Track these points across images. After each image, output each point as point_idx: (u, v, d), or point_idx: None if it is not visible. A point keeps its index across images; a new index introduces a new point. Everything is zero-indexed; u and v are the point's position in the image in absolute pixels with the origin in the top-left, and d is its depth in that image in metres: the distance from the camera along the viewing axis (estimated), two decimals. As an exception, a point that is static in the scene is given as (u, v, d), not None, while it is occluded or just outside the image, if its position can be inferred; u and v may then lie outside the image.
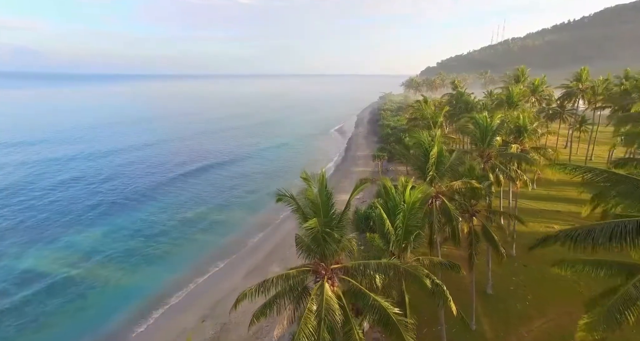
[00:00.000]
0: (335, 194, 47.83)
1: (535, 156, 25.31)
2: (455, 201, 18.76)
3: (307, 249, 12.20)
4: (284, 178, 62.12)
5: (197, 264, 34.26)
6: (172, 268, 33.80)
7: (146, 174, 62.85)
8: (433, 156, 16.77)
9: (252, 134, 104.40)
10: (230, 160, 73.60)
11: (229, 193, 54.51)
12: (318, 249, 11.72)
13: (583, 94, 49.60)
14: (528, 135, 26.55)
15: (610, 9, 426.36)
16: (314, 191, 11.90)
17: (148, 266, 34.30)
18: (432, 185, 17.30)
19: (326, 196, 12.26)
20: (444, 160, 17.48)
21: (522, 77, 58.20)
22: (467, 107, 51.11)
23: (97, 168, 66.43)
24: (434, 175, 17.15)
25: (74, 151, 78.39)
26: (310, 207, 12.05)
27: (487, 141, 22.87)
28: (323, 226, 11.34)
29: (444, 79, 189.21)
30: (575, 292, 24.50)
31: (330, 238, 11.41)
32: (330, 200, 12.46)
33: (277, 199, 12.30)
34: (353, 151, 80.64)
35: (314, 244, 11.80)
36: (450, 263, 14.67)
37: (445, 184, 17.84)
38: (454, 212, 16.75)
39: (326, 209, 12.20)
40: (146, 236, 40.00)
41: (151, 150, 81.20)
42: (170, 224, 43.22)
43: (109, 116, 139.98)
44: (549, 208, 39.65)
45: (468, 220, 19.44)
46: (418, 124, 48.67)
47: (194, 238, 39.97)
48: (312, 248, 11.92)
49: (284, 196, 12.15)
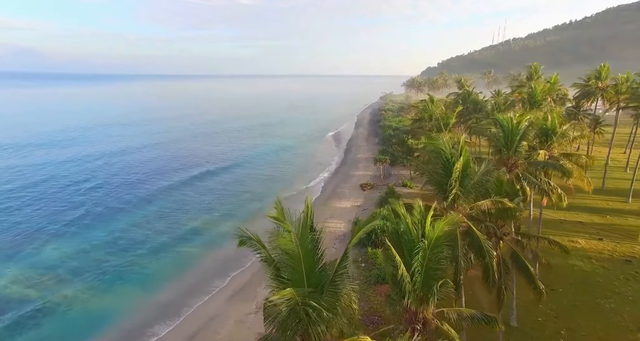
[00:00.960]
0: (333, 201, 43.57)
1: (567, 163, 21.52)
2: (482, 223, 14.97)
3: (281, 325, 7.98)
4: (281, 182, 58.36)
5: (181, 283, 30.43)
6: (151, 288, 29.92)
7: (132, 180, 58.82)
8: (457, 169, 12.94)
9: (249, 136, 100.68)
10: (226, 165, 68.19)
11: (220, 201, 50.56)
12: (298, 327, 7.78)
13: (603, 93, 45.76)
14: (557, 139, 22.75)
15: (613, 9, 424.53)
16: (293, 236, 7.93)
17: (122, 284, 30.43)
18: (454, 206, 13.52)
19: (312, 244, 8.30)
20: (470, 173, 13.67)
21: (535, 75, 54.12)
22: (477, 107, 47.31)
23: (78, 172, 62.45)
24: (457, 194, 13.36)
25: (55, 155, 74.34)
26: (287, 261, 8.16)
27: (513, 147, 19.10)
28: (305, 296, 7.44)
29: (447, 79, 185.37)
30: (619, 326, 20.74)
31: (316, 312, 7.48)
32: (317, 249, 8.50)
33: (239, 243, 8.52)
34: (353, 153, 76.83)
35: (292, 321, 7.89)
36: (484, 316, 10.88)
37: (470, 204, 14.05)
38: (485, 244, 12.94)
39: (311, 264, 8.22)
40: (124, 249, 36.16)
41: (136, 155, 76.48)
42: (152, 235, 39.36)
43: (105, 117, 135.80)
44: (569, 219, 35.85)
45: (494, 246, 15.65)
46: (423, 126, 44.94)
47: (178, 251, 36.13)
48: (289, 324, 7.97)
49: (246, 239, 8.32)
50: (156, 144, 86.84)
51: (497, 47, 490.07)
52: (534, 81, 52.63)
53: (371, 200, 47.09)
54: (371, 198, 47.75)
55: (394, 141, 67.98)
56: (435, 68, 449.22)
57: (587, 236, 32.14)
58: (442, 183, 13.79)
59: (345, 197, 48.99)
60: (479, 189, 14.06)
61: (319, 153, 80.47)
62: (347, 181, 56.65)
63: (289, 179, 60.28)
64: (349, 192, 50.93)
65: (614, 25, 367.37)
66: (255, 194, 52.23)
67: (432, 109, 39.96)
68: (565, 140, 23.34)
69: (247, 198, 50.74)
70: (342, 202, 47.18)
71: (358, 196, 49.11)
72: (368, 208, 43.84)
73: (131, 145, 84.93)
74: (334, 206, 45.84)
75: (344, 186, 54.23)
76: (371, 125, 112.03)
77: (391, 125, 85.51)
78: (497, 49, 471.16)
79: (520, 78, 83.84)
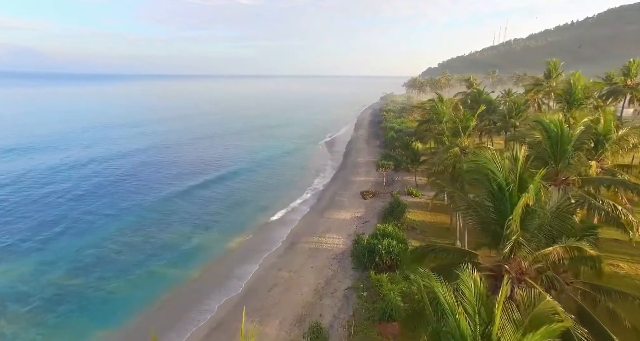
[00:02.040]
0: (331, 212, 38.11)
1: (626, 177, 16.81)
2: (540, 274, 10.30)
3: None
4: (274, 191, 53.57)
5: (153, 315, 25.68)
6: (116, 321, 25.12)
7: (117, 189, 53.66)
8: (521, 205, 8.23)
9: (249, 137, 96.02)
10: (220, 174, 61.38)
11: (208, 210, 45.74)
12: None
13: (633, 92, 41.06)
14: (611, 147, 18.06)
15: (614, 10, 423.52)
16: None
17: (80, 316, 25.64)
18: (510, 256, 8.86)
19: None
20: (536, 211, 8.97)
21: (555, 72, 49.23)
22: (490, 108, 42.59)
23: (61, 180, 57.49)
24: (517, 241, 8.69)
25: (41, 160, 69.41)
26: None
27: (564, 159, 14.46)
28: None
29: (449, 79, 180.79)
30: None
31: None
32: None
33: None
34: (353, 156, 72.09)
35: None
36: None
37: (534, 253, 9.35)
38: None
39: None
40: (90, 269, 31.41)
41: (125, 160, 71.20)
42: (126, 251, 34.64)
43: (103, 118, 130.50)
44: (604, 236, 31.04)
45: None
46: (432, 128, 40.29)
47: (152, 272, 31.32)
48: None
49: None
50: (149, 148, 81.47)
51: (498, 47, 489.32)
52: (553, 79, 48.06)
53: (373, 210, 42.39)
54: (373, 208, 43.04)
55: (397, 144, 63.26)
56: (435, 68, 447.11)
57: (627, 258, 27.45)
58: (491, 220, 9.13)
59: (344, 207, 44.25)
60: (549, 231, 9.40)
61: (317, 156, 75.92)
62: (347, 187, 51.91)
63: (282, 186, 55.45)
64: (349, 201, 46.17)
65: (615, 25, 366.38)
66: (248, 206, 47.36)
67: (442, 109, 35.20)
68: (621, 148, 18.56)
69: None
70: (341, 213, 42.44)
71: (358, 205, 44.38)
72: (370, 220, 39.12)
73: (123, 149, 79.66)
74: (332, 217, 41.11)
75: (342, 193, 49.48)
76: (372, 126, 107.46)
77: (393, 126, 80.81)
78: (498, 50, 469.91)
79: (536, 77, 79.06)
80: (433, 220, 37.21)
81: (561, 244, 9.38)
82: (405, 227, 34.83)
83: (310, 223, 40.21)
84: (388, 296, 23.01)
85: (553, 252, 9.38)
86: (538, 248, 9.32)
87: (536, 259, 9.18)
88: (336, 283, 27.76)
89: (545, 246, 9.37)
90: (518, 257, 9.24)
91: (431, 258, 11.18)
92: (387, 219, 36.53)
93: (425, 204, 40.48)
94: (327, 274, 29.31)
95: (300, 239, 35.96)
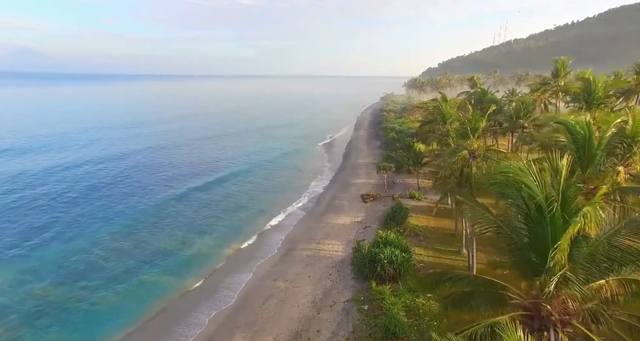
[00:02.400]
0: (330, 216, 36.08)
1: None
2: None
3: None
4: (272, 193, 51.88)
5: (138, 329, 23.95)
6: (97, 338, 23.38)
7: (112, 192, 51.78)
8: (570, 234, 6.36)
9: (248, 138, 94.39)
10: (219, 176, 59.67)
11: (203, 214, 44.02)
12: None
13: (649, 91, 39.36)
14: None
15: (614, 10, 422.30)
16: None
17: (60, 331, 23.90)
18: (553, 295, 7.09)
19: None
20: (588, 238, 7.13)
21: (563, 71, 47.23)
22: (496, 108, 40.81)
23: (54, 182, 55.68)
24: (564, 277, 6.90)
25: (37, 162, 67.61)
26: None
27: (593, 165, 12.72)
28: None
29: (450, 79, 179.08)
30: None
31: None
32: None
33: None
34: (353, 158, 70.36)
35: None
36: None
37: (583, 289, 7.55)
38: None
39: None
40: (75, 277, 29.67)
41: (122, 162, 69.20)
42: (115, 258, 32.87)
43: (102, 118, 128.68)
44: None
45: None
46: (435, 129, 38.57)
47: (142, 281, 29.56)
48: None
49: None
50: (146, 149, 79.53)
51: (498, 47, 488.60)
52: (561, 78, 46.25)
53: (374, 214, 40.66)
54: (374, 212, 41.31)
55: (398, 145, 61.58)
56: (436, 69, 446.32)
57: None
58: (523, 245, 7.31)
59: (344, 211, 42.52)
60: (600, 262, 7.55)
61: (316, 157, 74.23)
62: (346, 190, 50.20)
63: (280, 189, 53.72)
64: (348, 204, 44.45)
65: (616, 25, 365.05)
66: (244, 209, 45.54)
67: (447, 109, 33.48)
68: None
69: (235, 216, 43.26)
70: (340, 217, 40.70)
71: (359, 209, 42.65)
72: (371, 225, 37.38)
73: (120, 150, 77.71)
74: (331, 222, 39.36)
75: (342, 196, 47.77)
76: (372, 127, 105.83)
77: (394, 127, 79.20)
78: (498, 50, 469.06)
79: (542, 76, 77.29)
80: (437, 225, 35.43)
81: (615, 277, 7.56)
82: (408, 233, 33.10)
83: (307, 228, 38.44)
84: (391, 311, 21.29)
85: (607, 286, 7.53)
86: (587, 282, 7.51)
87: (585, 297, 7.37)
88: (335, 295, 26.01)
89: (593, 279, 7.58)
90: (563, 295, 7.46)
91: (447, 287, 9.51)
92: (389, 224, 34.82)
93: (428, 208, 38.71)
94: (326, 284, 27.56)
95: (297, 246, 34.21)
